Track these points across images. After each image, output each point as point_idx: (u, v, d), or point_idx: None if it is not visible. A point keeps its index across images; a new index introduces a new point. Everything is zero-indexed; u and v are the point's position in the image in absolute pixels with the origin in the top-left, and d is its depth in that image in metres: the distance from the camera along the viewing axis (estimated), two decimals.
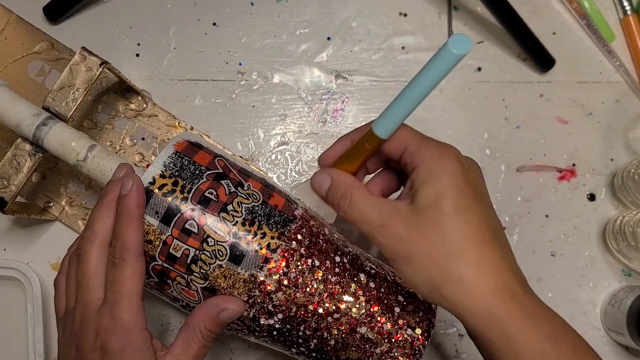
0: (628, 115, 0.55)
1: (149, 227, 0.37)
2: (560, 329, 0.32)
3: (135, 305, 0.35)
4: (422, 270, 0.32)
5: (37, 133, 0.42)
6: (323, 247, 0.39)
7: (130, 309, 0.35)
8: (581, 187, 0.54)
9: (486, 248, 0.32)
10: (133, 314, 0.35)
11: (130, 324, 0.34)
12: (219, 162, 0.40)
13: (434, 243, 0.32)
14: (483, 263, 0.32)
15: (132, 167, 0.39)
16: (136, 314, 0.35)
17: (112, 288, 0.35)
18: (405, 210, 0.33)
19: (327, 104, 0.55)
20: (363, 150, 0.34)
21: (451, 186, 0.32)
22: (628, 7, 0.56)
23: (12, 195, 0.44)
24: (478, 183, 0.34)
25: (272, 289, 0.37)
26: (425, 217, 0.32)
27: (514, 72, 0.56)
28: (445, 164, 0.32)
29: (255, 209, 0.38)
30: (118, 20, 0.55)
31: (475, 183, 0.34)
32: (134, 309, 0.35)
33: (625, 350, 0.51)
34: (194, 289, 0.38)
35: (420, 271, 0.32)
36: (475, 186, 0.33)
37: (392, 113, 0.33)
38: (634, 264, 0.52)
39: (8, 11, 0.53)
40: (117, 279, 0.35)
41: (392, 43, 0.56)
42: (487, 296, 0.31)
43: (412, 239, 0.32)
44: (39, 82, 0.52)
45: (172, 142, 0.40)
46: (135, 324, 0.35)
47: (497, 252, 0.32)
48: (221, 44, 0.55)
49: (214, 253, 0.37)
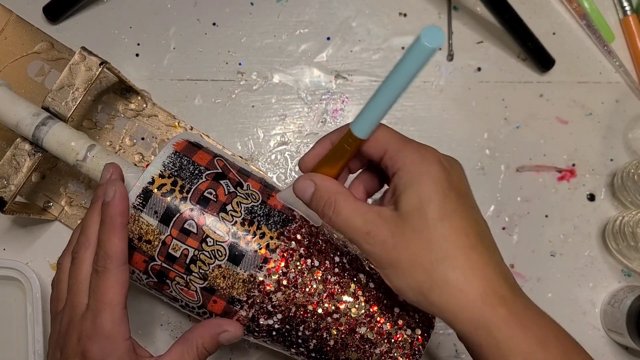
0: (628, 116, 0.55)
1: (148, 227, 0.37)
2: (551, 333, 0.32)
3: (118, 314, 0.35)
4: (408, 277, 0.32)
5: (37, 133, 0.42)
6: (322, 247, 0.39)
7: (112, 317, 0.34)
8: (581, 187, 0.54)
9: (473, 253, 0.32)
10: (115, 323, 0.34)
11: (111, 332, 0.34)
12: (218, 162, 0.40)
13: (420, 249, 0.31)
14: (470, 268, 0.31)
15: (119, 168, 0.39)
16: (118, 323, 0.35)
17: (94, 296, 0.35)
18: (389, 216, 0.32)
19: (326, 104, 0.55)
20: (343, 152, 0.34)
21: (434, 191, 0.32)
22: (628, 8, 0.56)
23: (12, 195, 0.44)
24: (461, 185, 0.34)
25: (271, 289, 0.37)
26: (410, 224, 0.31)
27: (514, 72, 0.56)
28: (427, 168, 0.32)
29: (255, 209, 0.38)
30: (118, 20, 0.55)
31: (459, 185, 0.33)
32: (115, 317, 0.34)
33: (625, 351, 0.51)
34: (193, 289, 0.38)
35: (407, 278, 0.32)
36: (458, 189, 0.33)
37: (369, 112, 0.32)
38: (633, 264, 0.52)
39: (8, 11, 0.53)
40: (99, 287, 0.35)
41: (392, 43, 0.56)
42: (476, 301, 0.31)
43: (398, 246, 0.32)
44: (38, 81, 0.52)
45: (171, 141, 0.40)
46: (117, 333, 0.35)
47: (485, 256, 0.32)
48: (221, 44, 0.55)
49: (213, 253, 0.37)
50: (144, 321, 0.50)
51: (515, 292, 0.32)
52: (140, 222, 0.37)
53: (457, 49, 0.56)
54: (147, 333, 0.50)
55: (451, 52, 0.56)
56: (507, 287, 0.32)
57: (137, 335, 0.49)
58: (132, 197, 0.37)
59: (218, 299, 0.38)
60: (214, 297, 0.38)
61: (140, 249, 0.38)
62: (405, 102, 0.55)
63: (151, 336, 0.50)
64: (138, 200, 0.37)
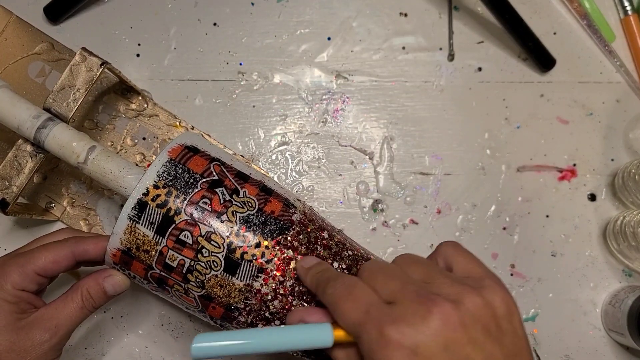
0: (629, 115, 0.55)
1: (145, 238, 0.37)
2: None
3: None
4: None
5: (37, 136, 0.42)
6: (321, 253, 0.39)
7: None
8: (582, 187, 0.54)
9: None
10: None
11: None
12: (215, 167, 0.39)
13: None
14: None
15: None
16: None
17: None
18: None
19: (327, 104, 0.55)
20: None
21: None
22: (629, 7, 0.56)
23: (14, 196, 0.44)
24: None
25: (268, 297, 0.37)
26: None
27: (515, 72, 0.56)
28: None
29: (250, 218, 0.38)
30: (118, 20, 0.55)
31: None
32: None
33: (625, 351, 0.51)
34: (191, 295, 0.38)
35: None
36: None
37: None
38: (634, 264, 0.52)
39: (8, 12, 0.53)
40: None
41: (392, 43, 0.56)
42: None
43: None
44: (39, 82, 0.52)
45: (166, 148, 0.39)
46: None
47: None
48: (222, 44, 0.55)
49: (209, 264, 0.37)
50: (144, 321, 0.50)
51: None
52: (136, 234, 0.37)
53: (458, 49, 0.56)
54: (147, 333, 0.50)
55: (452, 52, 0.56)
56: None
57: (137, 335, 0.50)
58: (128, 209, 0.37)
59: (217, 306, 0.38)
60: (212, 304, 0.38)
61: (139, 258, 0.38)
62: (405, 102, 0.55)
63: (151, 336, 0.50)
64: (133, 212, 0.37)
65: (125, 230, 0.37)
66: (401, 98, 0.55)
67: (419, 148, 0.54)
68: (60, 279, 0.48)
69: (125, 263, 0.38)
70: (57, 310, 0.38)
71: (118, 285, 0.40)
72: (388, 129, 0.54)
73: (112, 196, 0.51)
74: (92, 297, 0.39)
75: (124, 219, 0.37)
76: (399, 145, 0.54)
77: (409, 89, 0.55)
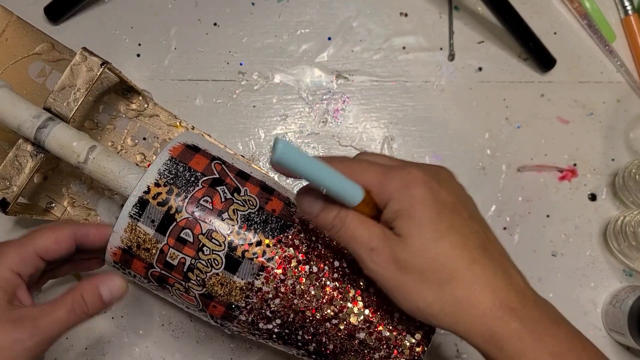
0: (629, 115, 0.55)
1: (145, 236, 0.37)
2: (565, 346, 0.31)
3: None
4: (417, 300, 0.32)
5: (38, 135, 0.42)
6: (322, 252, 0.39)
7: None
8: (582, 187, 0.54)
9: (477, 267, 0.31)
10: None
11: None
12: (216, 166, 0.39)
13: (424, 271, 0.31)
14: (476, 283, 0.31)
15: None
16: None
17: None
18: (393, 237, 0.32)
19: (327, 104, 0.55)
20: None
21: (426, 215, 0.31)
22: (629, 7, 0.56)
23: (14, 196, 0.44)
24: (453, 198, 0.33)
25: (269, 295, 0.37)
26: (410, 247, 0.31)
27: (515, 72, 0.56)
28: (413, 194, 0.32)
29: (252, 216, 0.38)
30: (119, 20, 0.55)
31: (450, 201, 0.33)
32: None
33: (626, 350, 0.51)
34: (192, 294, 0.38)
35: (416, 300, 0.32)
36: (451, 205, 0.32)
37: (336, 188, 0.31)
38: (635, 264, 0.52)
39: (8, 13, 0.53)
40: None
41: (392, 43, 0.56)
42: (486, 317, 0.31)
43: (402, 268, 0.32)
44: (39, 83, 0.52)
45: (167, 146, 0.39)
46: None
47: (489, 268, 0.32)
48: (222, 44, 0.55)
49: (210, 262, 0.37)
50: (144, 321, 0.50)
51: (525, 302, 0.32)
52: (137, 232, 0.37)
53: (458, 49, 0.56)
54: (147, 333, 0.50)
55: (452, 52, 0.56)
56: (517, 298, 0.31)
57: (138, 335, 0.50)
58: (129, 207, 0.37)
59: (217, 304, 0.38)
60: (212, 303, 0.38)
61: (139, 256, 0.38)
62: (406, 102, 0.55)
63: (152, 336, 0.50)
64: (134, 210, 0.37)
65: (126, 228, 0.37)
66: (401, 98, 0.55)
67: (420, 148, 0.54)
68: (60, 281, 0.48)
69: (125, 262, 0.38)
70: (43, 311, 0.35)
71: (115, 289, 0.36)
72: (388, 129, 0.54)
73: (113, 196, 0.51)
74: (85, 301, 0.36)
75: (124, 217, 0.37)
76: (399, 145, 0.54)
77: (409, 89, 0.55)
